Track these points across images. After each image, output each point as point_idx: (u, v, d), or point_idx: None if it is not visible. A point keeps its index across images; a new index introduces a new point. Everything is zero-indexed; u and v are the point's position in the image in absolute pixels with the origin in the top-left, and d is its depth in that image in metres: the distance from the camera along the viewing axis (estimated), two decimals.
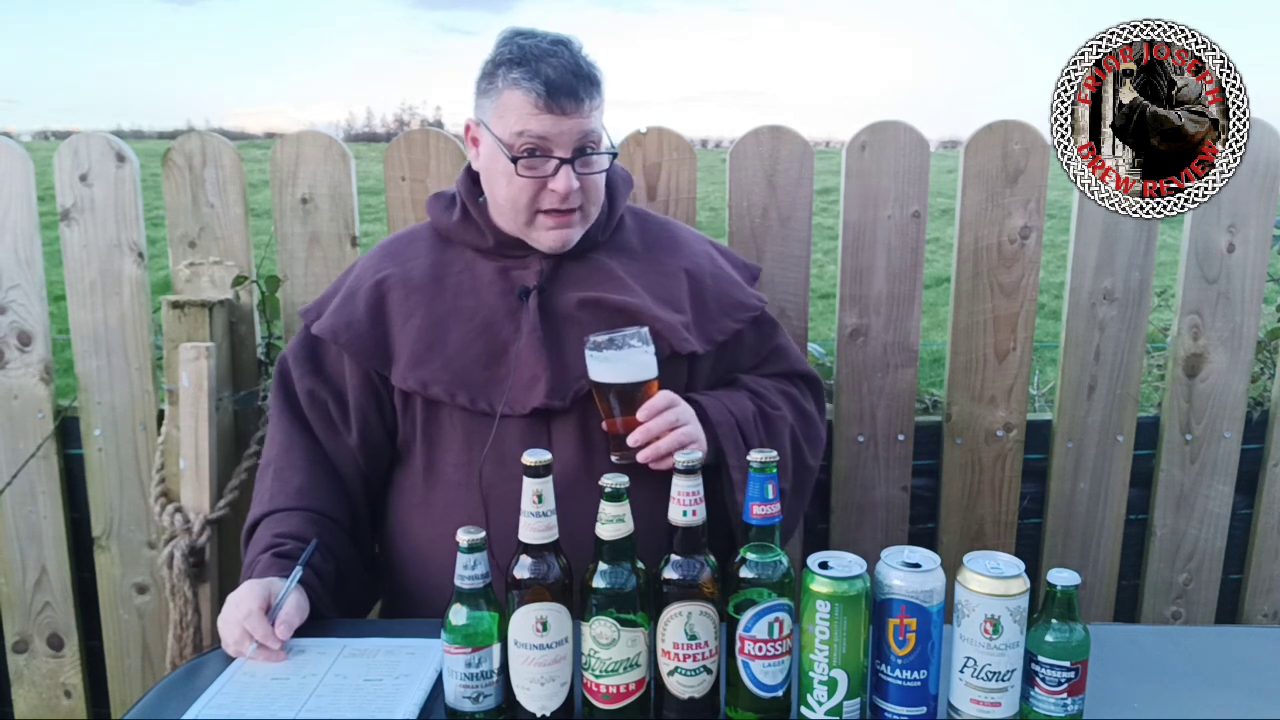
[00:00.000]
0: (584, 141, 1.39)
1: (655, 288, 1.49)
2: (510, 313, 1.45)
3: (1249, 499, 2.14)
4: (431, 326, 1.45)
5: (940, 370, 2.10)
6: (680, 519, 1.03)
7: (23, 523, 2.05)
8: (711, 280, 1.55)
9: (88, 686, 2.14)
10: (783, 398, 1.57)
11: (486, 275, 1.48)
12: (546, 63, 1.35)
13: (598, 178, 1.44)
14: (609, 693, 1.05)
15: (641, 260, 1.53)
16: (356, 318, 1.47)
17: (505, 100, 1.37)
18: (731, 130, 3.69)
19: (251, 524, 1.45)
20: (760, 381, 1.57)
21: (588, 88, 1.37)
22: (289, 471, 1.46)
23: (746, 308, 1.57)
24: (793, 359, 1.64)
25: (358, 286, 1.50)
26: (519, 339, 1.43)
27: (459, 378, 1.43)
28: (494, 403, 1.41)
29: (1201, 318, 2.02)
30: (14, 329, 1.98)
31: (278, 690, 1.14)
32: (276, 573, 1.31)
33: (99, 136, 1.92)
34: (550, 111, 1.35)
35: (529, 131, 1.36)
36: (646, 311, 1.45)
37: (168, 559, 1.84)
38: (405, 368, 1.44)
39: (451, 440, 1.44)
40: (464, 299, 1.47)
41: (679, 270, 1.53)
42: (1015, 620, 1.02)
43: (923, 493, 2.10)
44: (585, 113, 1.38)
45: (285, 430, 1.49)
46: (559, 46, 1.38)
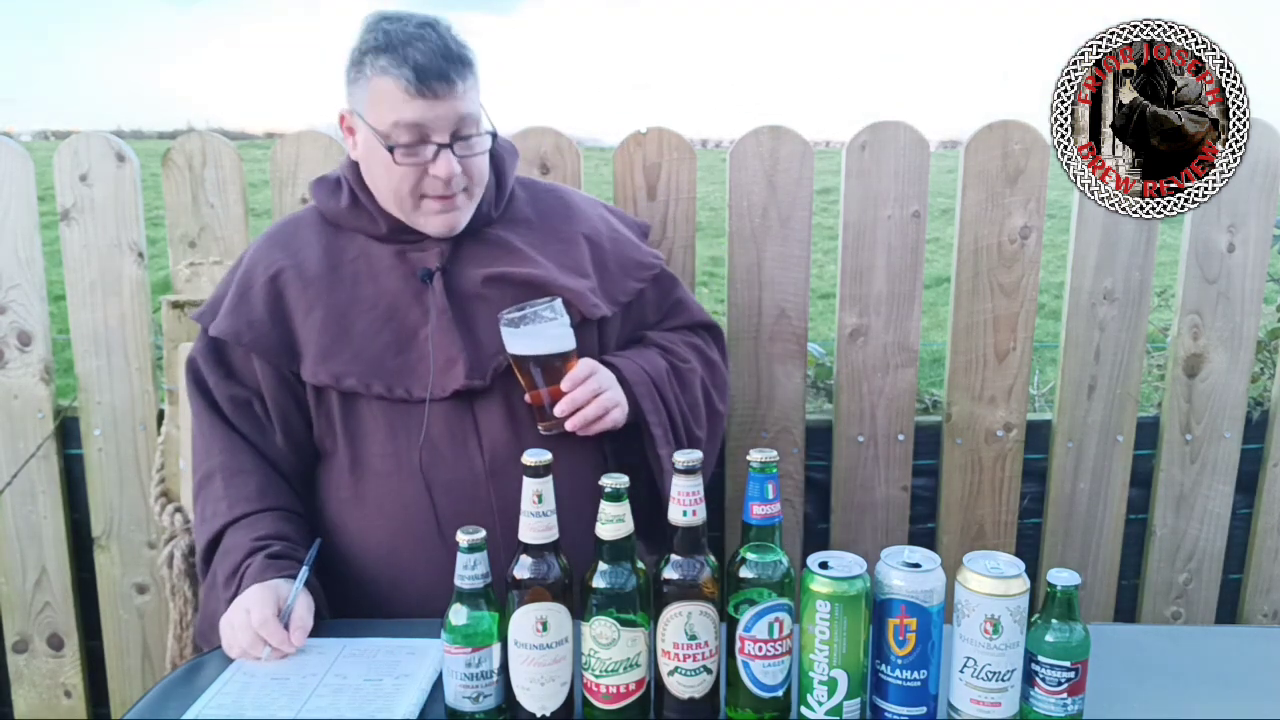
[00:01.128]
0: (460, 124, 1.36)
1: (557, 256, 1.49)
2: (415, 296, 1.43)
3: (1249, 499, 2.14)
4: (335, 318, 1.42)
5: (940, 370, 2.10)
6: (680, 519, 1.03)
7: (23, 523, 2.05)
8: (610, 243, 1.56)
9: (88, 686, 2.14)
10: (690, 349, 1.60)
11: (384, 260, 1.46)
12: (414, 47, 1.32)
13: (480, 159, 1.42)
14: (609, 693, 1.05)
15: (539, 230, 1.52)
16: (256, 316, 1.42)
17: (375, 88, 1.34)
18: (731, 130, 3.72)
19: (213, 537, 1.39)
20: (666, 337, 1.60)
21: (459, 69, 1.34)
22: (240, 477, 1.41)
23: (646, 266, 1.59)
24: (693, 310, 1.66)
25: (251, 282, 1.45)
26: (428, 322, 1.42)
27: (371, 367, 1.41)
28: (411, 389, 1.40)
29: (1201, 318, 2.02)
30: (14, 329, 1.98)
31: (278, 690, 1.14)
32: (275, 574, 1.29)
33: (99, 136, 1.92)
34: (422, 96, 1.32)
35: (402, 120, 1.33)
36: (553, 281, 1.45)
37: (168, 559, 1.84)
38: (314, 362, 1.41)
39: (374, 430, 1.42)
40: (364, 287, 1.44)
41: (578, 236, 1.53)
42: (1015, 620, 1.02)
43: (923, 493, 2.10)
44: (459, 94, 1.34)
45: (221, 436, 1.44)
46: (425, 29, 1.34)
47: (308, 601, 1.27)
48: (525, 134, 1.94)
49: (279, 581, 1.28)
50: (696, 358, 1.60)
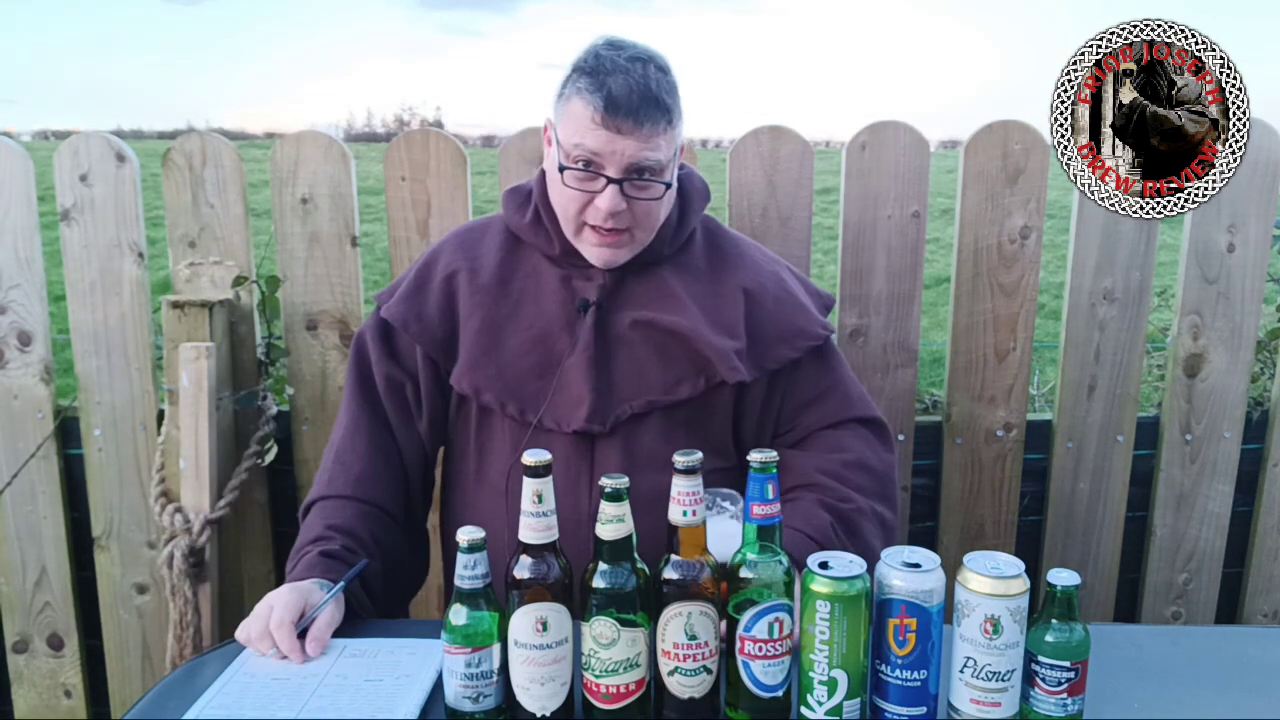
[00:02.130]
0: (637, 165, 1.34)
1: (712, 310, 1.45)
2: (567, 324, 1.44)
3: (1249, 499, 2.14)
4: (490, 329, 1.44)
5: (940, 370, 2.10)
6: (680, 519, 1.03)
7: (23, 523, 2.05)
8: (773, 303, 1.49)
9: (88, 686, 2.15)
10: (856, 470, 1.45)
11: (551, 282, 1.46)
12: (615, 78, 1.31)
13: (650, 204, 1.38)
14: (609, 693, 1.05)
15: (705, 279, 1.48)
16: (427, 310, 1.46)
17: (570, 107, 1.34)
18: (731, 130, 3.63)
19: (308, 504, 1.46)
20: (823, 460, 1.46)
21: (651, 112, 1.31)
22: (350, 457, 1.46)
23: (807, 335, 1.49)
24: (854, 402, 1.52)
25: (429, 276, 1.49)
26: (572, 353, 1.42)
27: (510, 387, 1.43)
28: (543, 416, 1.42)
29: (1201, 318, 2.02)
30: (14, 329, 1.98)
31: (278, 690, 1.14)
32: (320, 574, 1.31)
33: (99, 136, 1.92)
34: (605, 128, 1.31)
35: (584, 145, 1.33)
36: (698, 336, 1.41)
37: (168, 559, 1.84)
38: (462, 369, 1.44)
39: (501, 447, 1.45)
40: (526, 305, 1.45)
41: (737, 290, 1.48)
42: (1015, 620, 1.02)
43: (923, 493, 2.10)
44: (644, 136, 1.32)
45: (354, 413, 1.49)
46: (635, 63, 1.32)
47: (331, 616, 1.26)
48: (525, 134, 1.94)
49: (315, 586, 1.29)
50: (862, 480, 1.44)
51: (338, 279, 1.98)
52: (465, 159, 1.95)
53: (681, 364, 1.43)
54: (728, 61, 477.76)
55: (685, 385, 1.43)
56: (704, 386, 1.43)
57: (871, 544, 1.40)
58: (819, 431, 1.51)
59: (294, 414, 2.03)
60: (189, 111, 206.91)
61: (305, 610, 1.24)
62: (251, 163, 2.17)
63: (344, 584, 1.29)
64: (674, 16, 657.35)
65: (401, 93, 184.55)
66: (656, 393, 1.42)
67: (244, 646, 1.23)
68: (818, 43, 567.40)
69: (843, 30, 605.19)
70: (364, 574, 1.34)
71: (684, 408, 1.44)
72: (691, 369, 1.43)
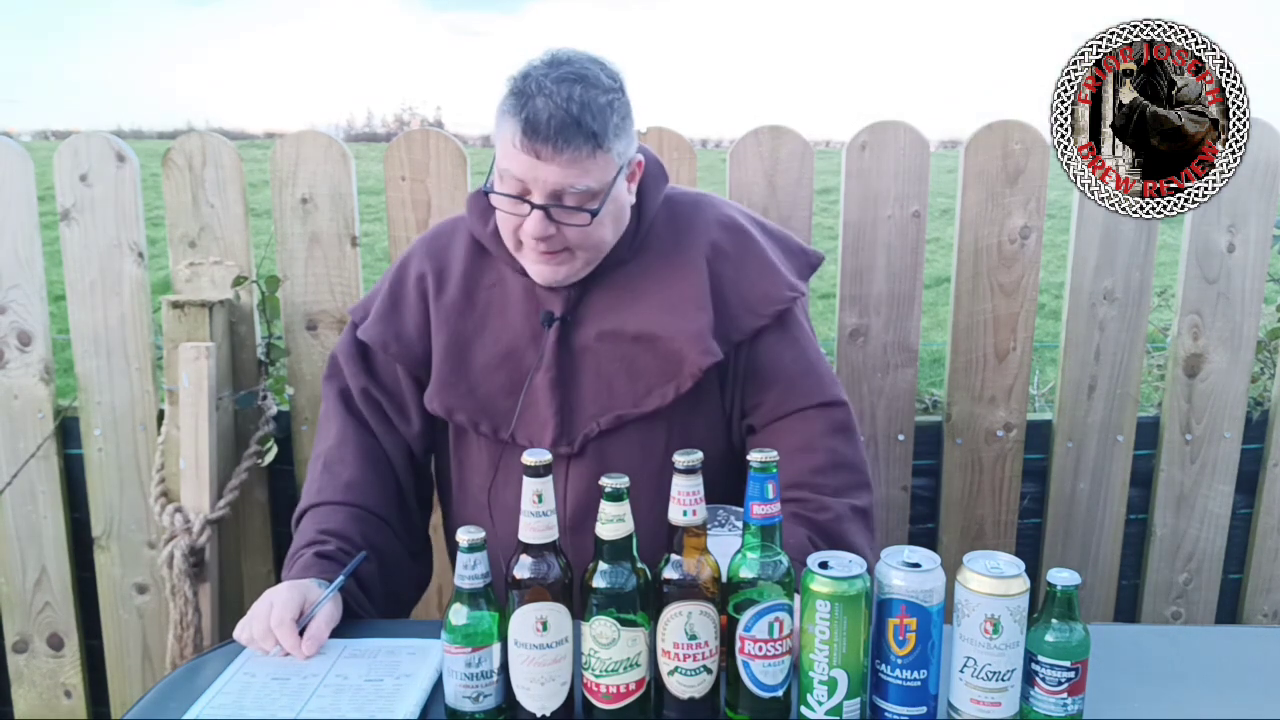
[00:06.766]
0: (562, 191, 1.26)
1: (677, 292, 1.38)
2: (534, 338, 1.40)
3: (1249, 499, 2.14)
4: (457, 346, 1.42)
5: (940, 370, 2.10)
6: (680, 519, 1.03)
7: (23, 523, 2.05)
8: (734, 267, 1.41)
9: (88, 686, 2.15)
10: (827, 472, 1.38)
11: (516, 293, 1.42)
12: (537, 100, 1.23)
13: (582, 230, 1.30)
14: (609, 692, 1.05)
15: (671, 258, 1.41)
16: (405, 331, 1.45)
17: (500, 127, 1.28)
18: (731, 130, 3.62)
19: (300, 513, 1.46)
20: (793, 469, 1.35)
21: (575, 137, 1.23)
22: (339, 466, 1.45)
23: (771, 300, 1.40)
24: (817, 383, 1.43)
25: (403, 291, 1.47)
26: (539, 370, 1.40)
27: (482, 406, 1.42)
28: (516, 434, 1.41)
29: (1201, 318, 2.02)
30: (14, 329, 1.98)
31: (278, 690, 1.14)
32: (317, 573, 1.31)
33: (99, 136, 1.92)
34: (526, 152, 1.24)
35: (509, 169, 1.27)
36: (665, 332, 1.36)
37: (168, 559, 1.84)
38: (433, 390, 1.43)
39: (479, 463, 1.45)
40: (492, 318, 1.43)
41: (699, 260, 1.39)
42: (1015, 620, 1.02)
43: (923, 493, 2.10)
44: (565, 163, 1.24)
45: (339, 425, 1.48)
46: (563, 85, 1.24)
47: (330, 613, 1.26)
48: None
49: (313, 583, 1.29)
50: (838, 481, 1.37)
51: (338, 279, 1.98)
52: (465, 159, 1.95)
53: (651, 374, 1.38)
54: (728, 61, 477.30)
55: (654, 396, 1.38)
56: (673, 396, 1.37)
57: (856, 542, 1.35)
58: (784, 423, 1.42)
59: (294, 414, 2.03)
60: (189, 111, 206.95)
61: (304, 607, 1.24)
62: (251, 163, 2.17)
63: (343, 578, 1.29)
64: (676, 16, 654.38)
65: (402, 92, 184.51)
66: (625, 406, 1.38)
67: (244, 646, 1.23)
68: (817, 43, 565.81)
69: (843, 30, 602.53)
70: (361, 575, 1.34)
71: (660, 416, 1.39)
72: (661, 377, 1.38)
